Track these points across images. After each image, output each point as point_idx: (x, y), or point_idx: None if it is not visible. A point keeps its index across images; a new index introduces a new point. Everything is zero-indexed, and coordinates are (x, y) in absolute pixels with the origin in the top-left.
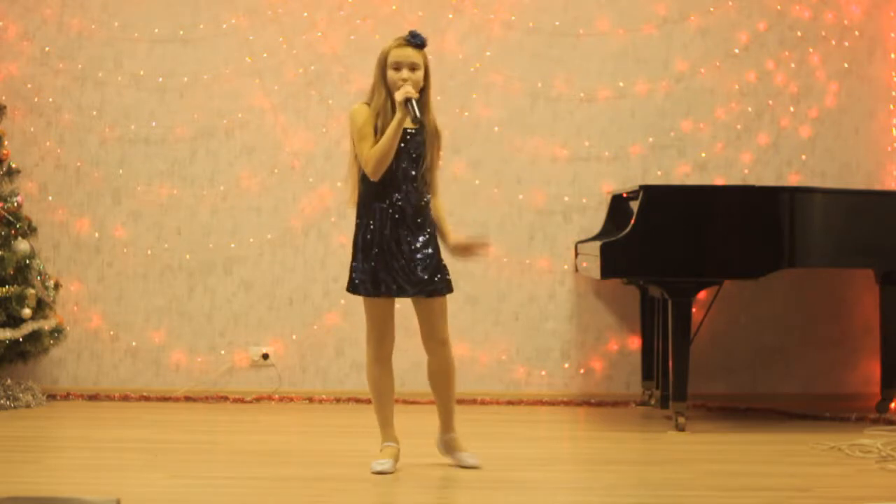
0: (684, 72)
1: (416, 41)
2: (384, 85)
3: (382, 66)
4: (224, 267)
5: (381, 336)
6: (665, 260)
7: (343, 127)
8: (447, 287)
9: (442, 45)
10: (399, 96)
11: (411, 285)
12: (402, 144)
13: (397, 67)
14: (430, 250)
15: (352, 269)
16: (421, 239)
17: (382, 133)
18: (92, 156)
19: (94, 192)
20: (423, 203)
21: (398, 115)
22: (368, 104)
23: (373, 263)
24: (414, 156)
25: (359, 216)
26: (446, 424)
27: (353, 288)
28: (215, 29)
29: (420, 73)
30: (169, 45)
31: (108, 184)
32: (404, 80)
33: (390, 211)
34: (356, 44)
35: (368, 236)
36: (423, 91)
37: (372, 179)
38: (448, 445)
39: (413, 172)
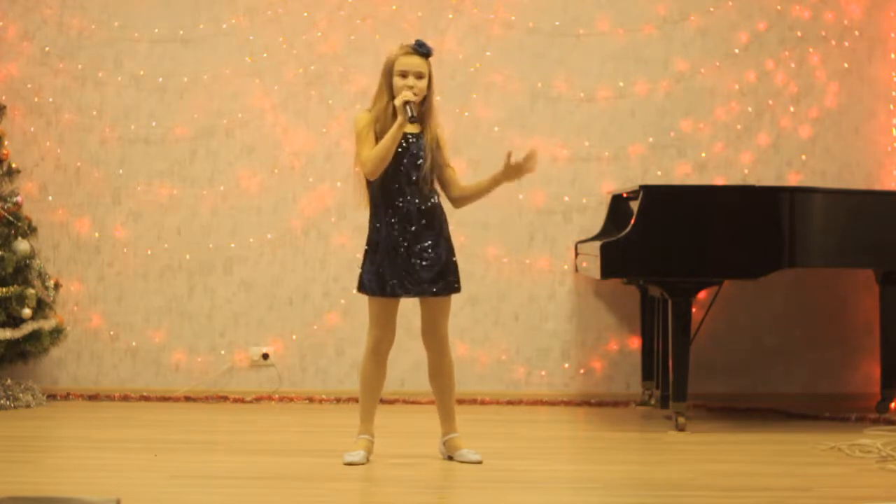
0: (684, 72)
1: (423, 50)
2: (388, 91)
3: (388, 72)
4: (224, 267)
5: (381, 333)
6: (665, 260)
7: (343, 127)
8: (451, 289)
9: (442, 45)
10: (398, 101)
11: (414, 286)
12: (404, 148)
13: (404, 75)
14: (436, 252)
15: (362, 269)
16: (426, 241)
17: (381, 138)
18: (92, 156)
19: (94, 192)
20: (428, 205)
21: (399, 118)
22: (370, 111)
23: (379, 264)
24: (416, 160)
25: (370, 219)
26: (448, 426)
27: (360, 287)
28: (215, 29)
29: (425, 82)
30: (169, 45)
31: (108, 184)
32: (410, 88)
33: (395, 214)
34: (356, 44)
35: (376, 238)
36: (427, 98)
37: (369, 179)
38: (449, 446)
39: (415, 176)
